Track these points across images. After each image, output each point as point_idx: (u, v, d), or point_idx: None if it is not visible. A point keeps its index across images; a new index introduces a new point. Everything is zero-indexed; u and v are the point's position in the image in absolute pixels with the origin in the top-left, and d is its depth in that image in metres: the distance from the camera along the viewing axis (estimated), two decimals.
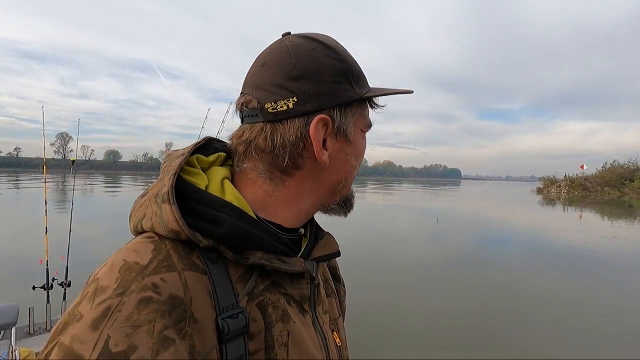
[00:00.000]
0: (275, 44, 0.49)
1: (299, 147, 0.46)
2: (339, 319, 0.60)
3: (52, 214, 3.98)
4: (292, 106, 0.45)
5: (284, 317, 0.46)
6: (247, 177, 0.49)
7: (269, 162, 0.47)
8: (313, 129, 0.45)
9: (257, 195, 0.49)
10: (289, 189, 0.49)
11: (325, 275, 0.62)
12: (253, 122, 0.47)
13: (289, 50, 0.47)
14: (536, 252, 9.50)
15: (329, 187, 0.51)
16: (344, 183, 0.52)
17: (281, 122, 0.46)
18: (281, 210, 0.50)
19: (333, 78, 0.46)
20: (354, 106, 0.49)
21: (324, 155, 0.47)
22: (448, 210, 20.29)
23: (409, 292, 5.92)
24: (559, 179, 42.30)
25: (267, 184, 0.48)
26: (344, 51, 0.50)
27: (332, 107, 0.47)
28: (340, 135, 0.48)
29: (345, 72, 0.48)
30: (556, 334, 4.54)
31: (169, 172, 0.44)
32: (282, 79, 0.45)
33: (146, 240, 0.41)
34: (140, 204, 0.45)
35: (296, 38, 0.48)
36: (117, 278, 0.37)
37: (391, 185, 62.58)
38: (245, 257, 0.44)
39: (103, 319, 0.33)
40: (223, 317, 0.39)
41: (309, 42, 0.48)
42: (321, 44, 0.48)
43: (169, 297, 0.36)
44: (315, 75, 0.46)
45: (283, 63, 0.46)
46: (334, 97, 0.46)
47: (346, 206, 0.55)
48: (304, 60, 0.46)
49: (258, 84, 0.47)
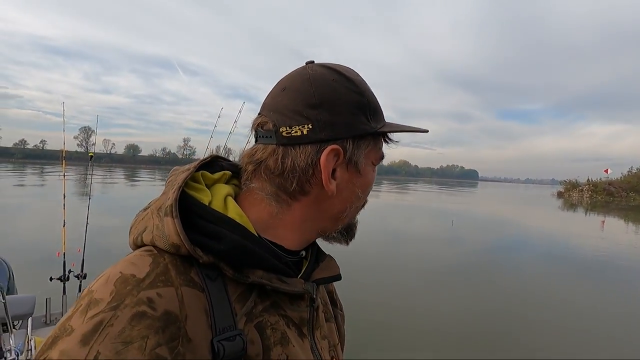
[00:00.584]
0: (297, 70, 0.50)
1: (308, 173, 0.47)
2: (338, 346, 0.58)
3: (70, 206, 4.08)
4: (306, 132, 0.46)
5: (282, 340, 0.45)
6: (252, 197, 0.49)
7: (277, 185, 0.48)
8: (324, 158, 0.46)
9: (261, 215, 0.48)
10: (294, 213, 0.49)
11: (325, 299, 0.61)
12: (266, 144, 0.48)
13: (309, 78, 0.47)
14: (553, 258, 9.22)
15: (333, 215, 0.51)
16: (348, 213, 0.52)
17: (294, 147, 0.46)
18: (283, 232, 0.49)
19: (350, 110, 0.47)
20: (368, 139, 0.49)
21: (331, 185, 0.47)
22: (464, 213, 19.93)
23: (421, 294, 5.83)
24: (582, 182, 40.99)
25: (272, 205, 0.48)
26: (364, 84, 0.50)
27: (346, 138, 0.47)
28: (351, 167, 0.49)
29: (363, 105, 0.48)
30: (572, 341, 4.39)
31: (173, 186, 0.44)
32: (300, 106, 0.46)
33: (145, 253, 0.41)
34: (142, 217, 0.45)
35: (319, 67, 0.49)
36: (112, 291, 0.36)
37: (406, 185, 62.00)
38: (245, 275, 0.43)
39: (94, 333, 0.33)
40: (219, 339, 0.38)
41: (331, 72, 0.48)
42: (342, 75, 0.48)
43: (163, 313, 0.36)
44: (333, 105, 0.46)
45: (303, 90, 0.47)
46: (349, 128, 0.47)
47: (348, 235, 0.55)
48: (323, 89, 0.47)
49: (276, 108, 0.48)
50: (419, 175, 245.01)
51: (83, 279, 3.61)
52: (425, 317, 4.94)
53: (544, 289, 6.59)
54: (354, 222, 0.55)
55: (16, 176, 33.16)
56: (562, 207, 27.88)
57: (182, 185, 0.44)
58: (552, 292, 6.41)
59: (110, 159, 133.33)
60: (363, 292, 5.58)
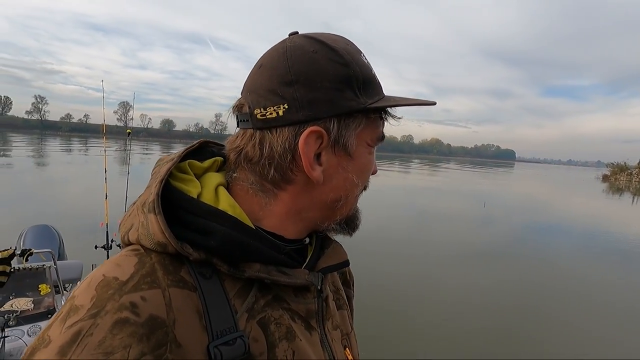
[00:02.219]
0: (277, 44, 0.44)
1: (286, 159, 0.42)
2: (352, 334, 0.55)
3: (111, 179, 4.33)
4: (282, 114, 0.41)
5: (288, 334, 0.42)
6: (240, 187, 0.45)
7: (257, 174, 0.43)
8: (302, 142, 0.41)
9: (252, 207, 0.45)
10: (283, 203, 0.45)
11: (336, 284, 0.57)
12: (245, 128, 0.44)
13: (286, 51, 0.42)
14: (592, 247, 8.76)
15: (327, 205, 0.46)
16: (344, 202, 0.46)
17: (270, 131, 0.42)
18: (278, 222, 0.45)
19: (332, 85, 0.41)
20: (358, 117, 0.43)
21: (315, 172, 0.42)
22: (497, 195, 19.22)
23: (448, 278, 5.78)
24: (631, 165, 38.05)
25: (259, 196, 0.44)
26: (353, 54, 0.43)
27: (329, 118, 0.41)
28: (339, 149, 0.43)
29: (348, 78, 0.41)
30: (610, 337, 4.23)
31: (156, 179, 0.41)
32: (275, 84, 0.41)
33: (130, 253, 0.38)
34: (130, 214, 0.42)
35: (299, 38, 0.43)
36: (92, 296, 0.34)
37: (437, 165, 60.35)
38: (242, 270, 0.40)
39: (72, 344, 0.31)
40: (216, 344, 0.36)
41: (311, 43, 0.42)
42: (324, 45, 0.42)
43: (148, 319, 0.33)
44: (312, 80, 0.40)
45: (278, 66, 0.41)
46: (331, 106, 0.41)
47: (348, 227, 0.50)
48: (300, 63, 0.41)
49: (252, 88, 0.43)
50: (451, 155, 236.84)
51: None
52: (451, 303, 4.92)
53: (580, 281, 6.32)
54: (354, 211, 0.50)
55: (64, 148, 35.46)
56: (607, 191, 26.15)
57: (165, 178, 0.40)
58: (586, 285, 6.14)
59: (148, 133, 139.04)
60: (389, 274, 5.62)
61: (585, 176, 49.00)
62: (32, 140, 47.69)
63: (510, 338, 4.00)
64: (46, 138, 63.51)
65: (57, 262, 2.35)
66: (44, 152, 28.92)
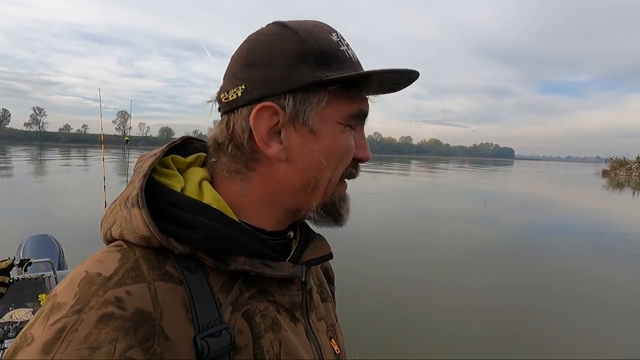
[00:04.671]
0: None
1: (244, 137, 0.43)
2: (337, 325, 0.56)
3: (110, 188, 4.32)
4: (240, 94, 0.42)
5: (274, 326, 0.42)
6: (219, 176, 0.46)
7: (228, 155, 0.45)
8: (253, 118, 0.42)
9: (230, 196, 0.45)
10: (256, 187, 0.45)
11: (320, 278, 0.58)
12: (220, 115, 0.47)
13: (248, 38, 0.45)
14: (596, 245, 8.74)
15: (298, 189, 0.45)
16: (315, 185, 0.44)
17: (233, 112, 0.44)
18: (258, 212, 0.46)
19: (287, 61, 0.41)
20: (318, 92, 0.42)
21: (271, 148, 0.43)
22: (497, 193, 19.20)
23: (449, 277, 5.76)
24: (630, 160, 38.05)
25: (236, 180, 0.45)
26: (313, 32, 0.43)
27: (283, 94, 0.41)
28: (299, 127, 0.42)
29: (305, 53, 0.41)
30: (611, 328, 4.20)
31: (139, 174, 0.41)
32: (236, 67, 0.44)
33: (113, 249, 0.38)
34: (112, 210, 0.42)
35: (268, 25, 0.46)
36: (75, 293, 0.33)
37: (436, 165, 60.40)
38: (227, 263, 0.40)
39: (56, 341, 0.30)
40: (203, 336, 0.36)
41: (273, 27, 0.44)
42: (285, 27, 0.43)
43: (134, 312, 0.33)
44: (267, 60, 0.42)
45: (240, 51, 0.45)
46: (285, 82, 0.41)
47: (329, 215, 0.47)
48: (258, 45, 0.43)
49: (224, 76, 0.46)
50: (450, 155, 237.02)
51: None
52: (453, 304, 4.89)
53: (582, 273, 6.30)
54: (333, 199, 0.46)
55: (63, 159, 35.49)
56: (607, 186, 26.15)
57: (149, 172, 0.40)
58: (591, 284, 6.12)
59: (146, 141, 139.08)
60: (388, 272, 5.60)
61: (585, 172, 49.02)
62: (31, 152, 47.74)
63: (514, 339, 3.96)
64: (45, 149, 63.57)
65: (56, 272, 2.34)
66: (43, 163, 28.93)
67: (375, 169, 32.61)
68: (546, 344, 3.83)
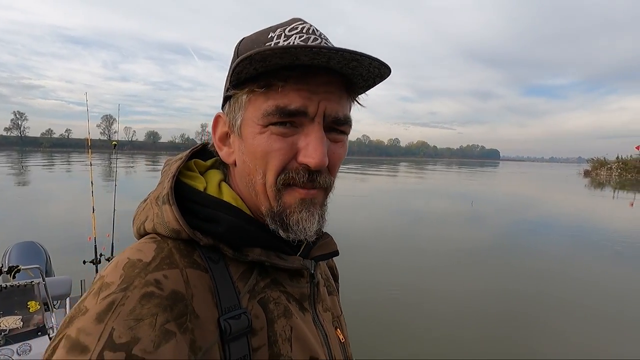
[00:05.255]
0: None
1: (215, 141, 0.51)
2: (342, 317, 0.61)
3: (98, 193, 4.25)
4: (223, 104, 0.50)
5: (286, 313, 0.47)
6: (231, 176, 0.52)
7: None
8: (212, 125, 0.50)
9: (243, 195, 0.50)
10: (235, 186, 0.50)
11: (327, 273, 0.64)
12: None
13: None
14: (579, 240, 8.97)
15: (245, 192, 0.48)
16: (254, 189, 0.46)
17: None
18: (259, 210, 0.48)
19: (228, 73, 0.46)
20: (237, 96, 0.45)
21: (221, 151, 0.50)
22: (484, 194, 19.53)
23: (439, 278, 5.83)
24: (610, 160, 39.21)
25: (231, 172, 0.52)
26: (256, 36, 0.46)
27: (224, 104, 0.48)
28: (235, 132, 0.47)
29: (233, 62, 0.46)
30: (599, 329, 4.32)
31: (168, 176, 0.46)
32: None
33: (149, 240, 0.43)
34: (143, 208, 0.48)
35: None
36: (121, 275, 0.38)
37: (424, 167, 61.00)
38: (245, 254, 0.45)
39: (107, 312, 0.35)
40: (225, 317, 0.40)
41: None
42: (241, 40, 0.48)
43: (170, 293, 0.38)
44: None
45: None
46: (224, 93, 0.48)
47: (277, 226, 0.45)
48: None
49: None
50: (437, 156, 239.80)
51: None
52: (443, 302, 4.96)
53: (569, 274, 6.45)
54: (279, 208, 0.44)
55: (46, 164, 34.59)
56: (589, 186, 26.87)
57: (176, 174, 0.46)
58: (576, 276, 6.27)
59: (132, 145, 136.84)
60: (377, 275, 5.64)
61: (568, 172, 50.23)
62: (11, 157, 46.40)
63: (503, 341, 4.02)
64: (27, 154, 61.88)
65: (45, 279, 2.29)
66: (26, 169, 28.15)
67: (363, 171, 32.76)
68: (534, 345, 3.90)
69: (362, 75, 0.43)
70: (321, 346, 0.50)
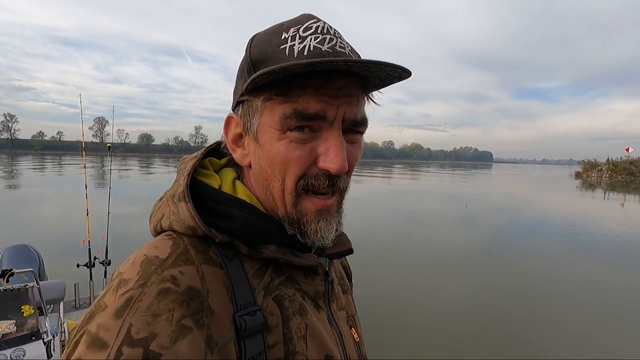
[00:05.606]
0: None
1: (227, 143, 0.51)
2: (356, 316, 0.60)
3: (92, 195, 4.20)
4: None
5: (301, 310, 0.47)
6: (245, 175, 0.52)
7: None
8: (224, 127, 0.49)
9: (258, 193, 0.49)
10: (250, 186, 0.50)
11: (341, 272, 0.63)
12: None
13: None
14: (571, 239, 9.07)
15: (262, 195, 0.48)
16: (271, 194, 0.46)
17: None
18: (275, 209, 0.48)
19: (239, 74, 0.47)
20: (252, 100, 0.44)
21: (235, 153, 0.49)
22: (478, 195, 19.68)
23: (434, 279, 5.86)
24: (601, 162, 39.78)
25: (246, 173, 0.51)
26: (266, 35, 0.44)
27: (237, 105, 0.47)
28: (250, 135, 0.46)
29: (247, 63, 0.45)
30: (590, 330, 4.37)
31: (183, 174, 0.46)
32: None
33: (165, 237, 0.44)
34: (159, 206, 0.48)
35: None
36: (138, 271, 0.39)
37: (418, 169, 61.30)
38: (260, 251, 0.45)
39: (126, 308, 0.35)
40: (241, 314, 0.41)
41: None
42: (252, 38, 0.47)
43: (187, 289, 0.38)
44: (237, 73, 0.48)
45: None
46: (236, 94, 0.47)
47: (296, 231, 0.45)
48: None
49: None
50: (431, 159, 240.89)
51: (108, 265, 3.76)
52: (439, 306, 4.98)
53: (561, 274, 6.51)
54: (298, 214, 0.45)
55: (37, 168, 34.13)
56: (580, 187, 27.21)
57: (192, 172, 0.46)
58: (570, 277, 6.34)
59: (125, 148, 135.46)
60: (374, 275, 5.65)
61: (559, 174, 50.82)
62: (1, 160, 45.70)
63: (498, 339, 4.06)
64: (17, 157, 60.99)
65: (39, 282, 2.27)
66: (17, 172, 27.75)
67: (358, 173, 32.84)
68: (529, 341, 3.95)
69: (379, 76, 0.43)
70: (336, 344, 0.49)
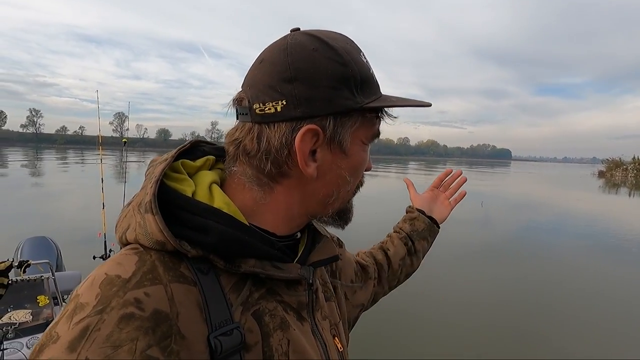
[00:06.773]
0: (279, 40, 0.45)
1: (283, 154, 0.43)
2: (340, 324, 0.57)
3: (108, 189, 4.31)
4: (280, 110, 0.42)
5: (282, 325, 0.44)
6: (236, 182, 0.47)
7: (255, 168, 0.45)
8: (299, 139, 0.42)
9: (245, 202, 0.46)
10: (278, 197, 0.46)
11: (324, 277, 0.60)
12: (244, 122, 0.45)
13: (287, 48, 0.43)
14: (595, 243, 8.78)
15: (319, 200, 0.48)
16: (336, 197, 0.48)
17: (268, 125, 0.43)
18: (271, 218, 0.47)
19: (330, 83, 0.42)
20: (354, 116, 0.45)
21: (309, 168, 0.44)
22: (494, 194, 19.27)
23: (447, 279, 5.78)
24: (626, 161, 38.31)
25: (255, 190, 0.46)
26: (352, 54, 0.44)
27: (325, 116, 0.42)
28: (334, 147, 0.44)
29: (346, 77, 0.42)
30: (612, 335, 4.23)
31: (151, 180, 0.41)
32: (275, 80, 0.42)
33: (130, 252, 0.39)
34: (125, 214, 0.43)
35: (301, 35, 0.44)
36: (97, 294, 0.35)
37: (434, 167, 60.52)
38: (237, 265, 0.41)
39: (81, 339, 0.32)
40: (215, 334, 0.37)
41: (312, 41, 0.43)
42: (324, 44, 0.43)
43: (152, 313, 0.34)
44: (310, 78, 0.41)
45: (278, 62, 0.42)
46: (328, 104, 0.42)
47: (340, 220, 0.52)
48: (300, 61, 0.42)
49: (252, 82, 0.44)
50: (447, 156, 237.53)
51: None
52: (451, 304, 4.91)
53: (582, 278, 6.33)
54: (347, 206, 0.52)
55: (60, 161, 35.32)
56: (603, 187, 26.30)
57: (160, 178, 0.41)
58: (591, 281, 6.15)
59: (144, 143, 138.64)
60: None
61: (582, 173, 49.25)
62: (27, 154, 47.48)
63: (516, 337, 3.99)
64: (42, 151, 63.28)
65: (55, 273, 2.34)
66: (40, 165, 28.79)
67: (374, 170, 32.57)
68: (546, 338, 3.86)
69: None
70: (320, 357, 0.47)
